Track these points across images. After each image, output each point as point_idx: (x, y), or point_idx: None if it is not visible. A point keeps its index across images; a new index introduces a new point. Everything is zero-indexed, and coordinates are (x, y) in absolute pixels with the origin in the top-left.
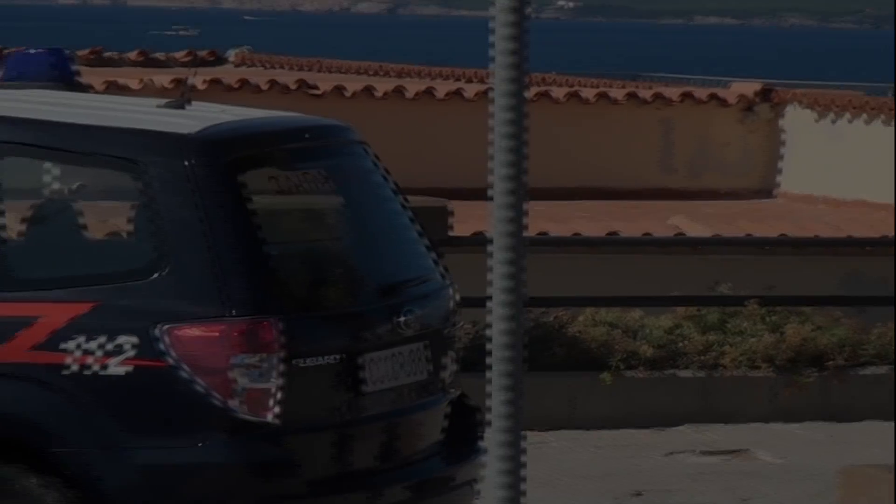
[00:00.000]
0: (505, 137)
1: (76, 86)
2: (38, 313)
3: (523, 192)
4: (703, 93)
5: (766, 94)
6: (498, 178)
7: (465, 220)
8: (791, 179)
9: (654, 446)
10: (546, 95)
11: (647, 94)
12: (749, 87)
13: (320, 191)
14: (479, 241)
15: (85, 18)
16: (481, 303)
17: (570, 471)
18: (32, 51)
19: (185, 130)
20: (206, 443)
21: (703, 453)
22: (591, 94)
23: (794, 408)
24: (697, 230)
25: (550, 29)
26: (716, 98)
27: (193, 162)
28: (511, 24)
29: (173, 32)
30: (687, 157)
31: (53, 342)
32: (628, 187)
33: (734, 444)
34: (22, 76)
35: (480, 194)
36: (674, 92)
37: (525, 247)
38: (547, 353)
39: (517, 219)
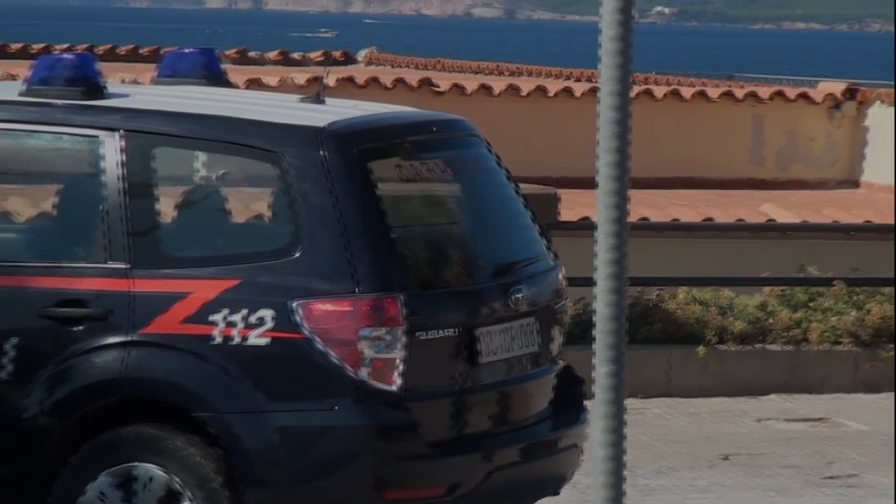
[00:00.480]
0: (610, 132)
1: (223, 82)
2: (188, 289)
3: (626, 182)
4: (792, 91)
5: (851, 92)
6: (603, 169)
7: (572, 206)
8: (874, 171)
9: (744, 414)
10: (647, 93)
11: (741, 92)
12: (836, 86)
13: (441, 179)
14: (584, 226)
15: (231, 21)
16: (586, 282)
17: (666, 435)
18: (185, 50)
19: (319, 123)
20: (336, 407)
21: (790, 420)
22: (688, 92)
23: (875, 379)
24: (786, 217)
25: (652, 32)
26: (804, 96)
27: (327, 152)
28: (617, 29)
29: (317, 34)
30: (777, 150)
31: (202, 315)
32: (722, 177)
33: (819, 413)
34: (175, 73)
35: (586, 183)
36: (765, 91)
37: (627, 231)
38: (646, 328)
39: (621, 205)
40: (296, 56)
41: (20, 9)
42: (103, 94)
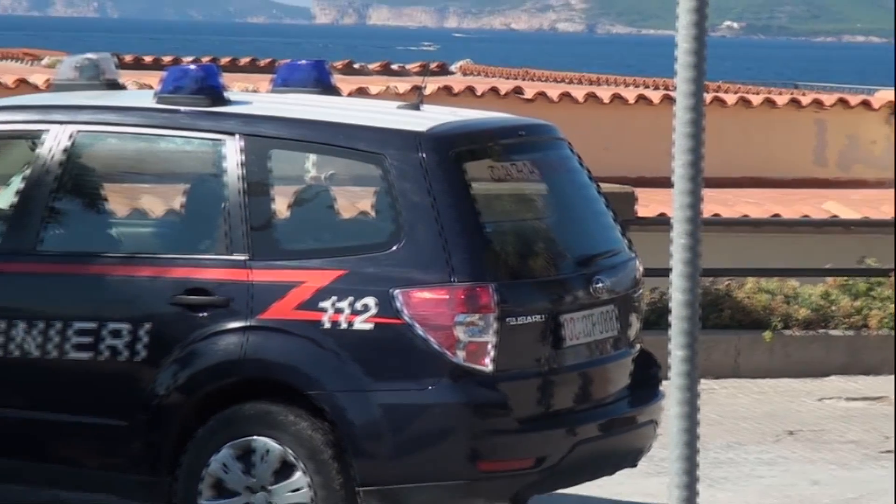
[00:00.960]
0: (685, 136)
1: (332, 91)
2: (300, 279)
3: (700, 181)
4: (853, 99)
5: None
6: (679, 170)
7: (648, 203)
8: None
9: (807, 393)
10: (717, 101)
11: (805, 100)
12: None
13: (529, 179)
14: (659, 222)
15: (338, 35)
16: (661, 272)
17: (734, 413)
18: (298, 62)
19: (418, 128)
20: (434, 387)
21: (851, 399)
22: (755, 99)
23: None
24: (847, 213)
25: (722, 45)
26: (864, 103)
27: (425, 154)
28: (691, 42)
29: (420, 48)
30: (838, 152)
31: (312, 302)
32: (787, 177)
33: (878, 392)
34: (289, 82)
35: (661, 182)
36: (827, 98)
37: (700, 226)
38: (716, 315)
39: (695, 202)
40: (396, 67)
41: (152, 24)
42: (225, 102)
